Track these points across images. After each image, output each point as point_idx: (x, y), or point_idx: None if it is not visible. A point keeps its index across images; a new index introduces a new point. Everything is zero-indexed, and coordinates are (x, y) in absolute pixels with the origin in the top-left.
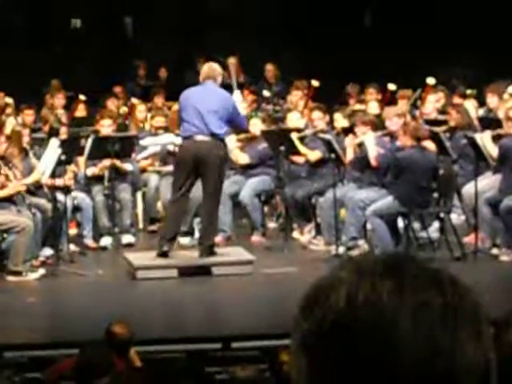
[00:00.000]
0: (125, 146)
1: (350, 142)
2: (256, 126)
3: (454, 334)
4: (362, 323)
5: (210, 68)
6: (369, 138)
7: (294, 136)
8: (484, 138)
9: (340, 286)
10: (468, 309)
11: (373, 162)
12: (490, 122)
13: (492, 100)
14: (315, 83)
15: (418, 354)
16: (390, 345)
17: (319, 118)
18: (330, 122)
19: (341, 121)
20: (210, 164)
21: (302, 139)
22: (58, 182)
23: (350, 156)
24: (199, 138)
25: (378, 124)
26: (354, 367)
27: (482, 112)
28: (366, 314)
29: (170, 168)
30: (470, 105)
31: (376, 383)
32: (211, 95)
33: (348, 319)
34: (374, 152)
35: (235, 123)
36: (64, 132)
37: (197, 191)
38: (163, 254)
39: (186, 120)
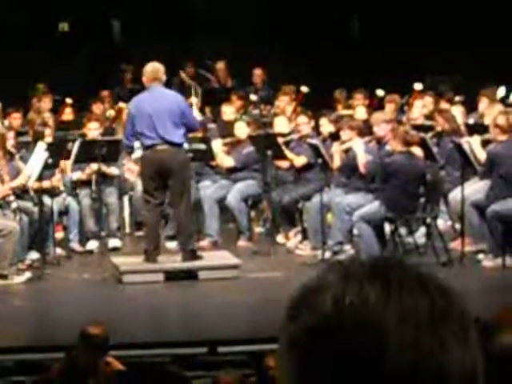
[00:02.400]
0: (111, 149)
1: (336, 148)
2: (241, 130)
3: (440, 338)
4: (348, 326)
5: (153, 68)
6: (358, 145)
7: (281, 141)
8: (472, 143)
9: (327, 289)
10: (455, 313)
11: (362, 169)
12: (477, 127)
13: (483, 103)
14: (304, 89)
15: (404, 358)
16: (377, 348)
17: (304, 123)
18: (316, 127)
19: (326, 126)
20: (175, 171)
21: (287, 144)
22: (45, 184)
23: (337, 162)
24: (159, 147)
25: (364, 129)
26: (341, 370)
27: (473, 117)
28: (353, 317)
29: None
30: (457, 111)
31: None
32: (160, 101)
33: (334, 322)
34: (363, 158)
35: (188, 125)
36: (49, 135)
37: None
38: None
39: (141, 131)
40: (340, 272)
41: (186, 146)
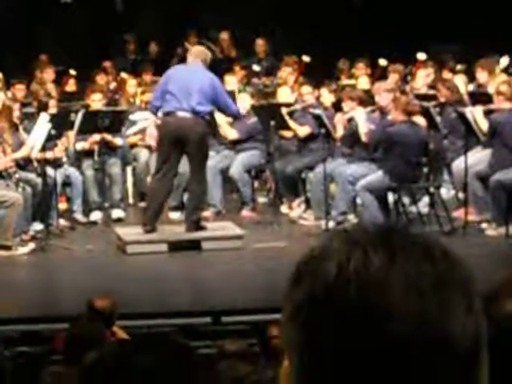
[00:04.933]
0: (115, 120)
1: (339, 118)
2: (245, 101)
3: (444, 305)
4: (352, 292)
5: (199, 50)
6: (359, 114)
7: (284, 111)
8: (475, 113)
9: (331, 256)
10: (459, 280)
11: (363, 138)
12: (480, 96)
13: (482, 75)
14: (306, 59)
15: (408, 324)
16: (381, 315)
17: (309, 93)
18: (319, 97)
19: (327, 96)
20: (191, 141)
21: (291, 114)
22: (49, 154)
23: (340, 133)
24: (180, 114)
25: (365, 99)
26: (345, 337)
27: (471, 87)
28: (357, 283)
29: None
30: (460, 80)
31: (367, 352)
32: (198, 74)
33: (339, 288)
34: (364, 128)
35: (221, 106)
36: (53, 106)
37: (186, 166)
38: (150, 231)
39: (170, 95)
40: (344, 239)
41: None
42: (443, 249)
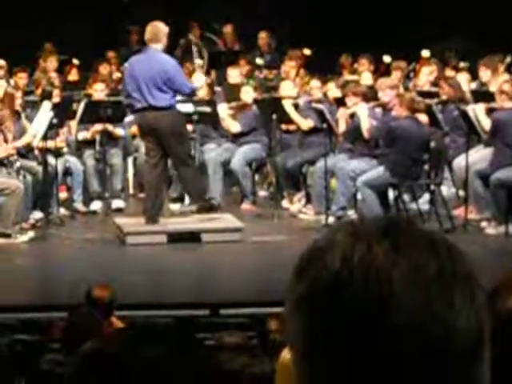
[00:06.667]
0: (117, 110)
1: (342, 113)
2: (248, 94)
3: (448, 297)
4: (356, 284)
5: (154, 29)
6: (362, 110)
7: (288, 103)
8: (477, 111)
9: (335, 247)
10: (462, 273)
11: (365, 134)
12: (482, 95)
13: (485, 73)
14: (307, 52)
15: (412, 316)
16: (385, 306)
17: (317, 88)
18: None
19: (334, 90)
20: (162, 135)
21: (295, 107)
22: (50, 144)
23: (342, 128)
24: (145, 112)
25: (368, 95)
26: (349, 328)
27: (474, 85)
28: (361, 275)
29: None
30: (463, 78)
31: (371, 344)
32: (150, 64)
33: (343, 280)
34: (366, 123)
35: (175, 89)
36: (57, 95)
37: None
38: (151, 222)
39: (130, 94)
40: (349, 231)
41: (181, 107)
42: (447, 243)
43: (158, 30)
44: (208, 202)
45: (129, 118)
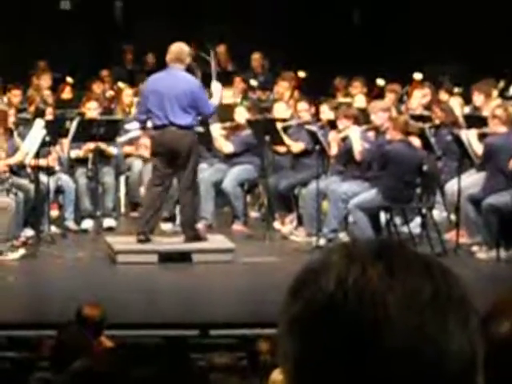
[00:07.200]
0: (110, 129)
1: (334, 136)
2: (241, 115)
3: (442, 321)
4: (350, 306)
5: (178, 49)
6: (353, 132)
7: (279, 126)
8: (469, 136)
9: (330, 269)
10: (457, 297)
11: (357, 157)
12: (475, 119)
13: (478, 98)
14: (301, 74)
15: (405, 339)
16: (379, 329)
17: (305, 110)
18: (316, 114)
19: (327, 112)
20: (181, 154)
21: (286, 130)
22: (42, 162)
23: (334, 150)
24: (166, 129)
25: (360, 118)
26: (342, 351)
27: (467, 110)
28: (356, 298)
29: None
30: (456, 102)
31: (364, 367)
32: (175, 83)
33: (337, 302)
34: (358, 146)
35: (199, 110)
36: (50, 113)
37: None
38: (144, 240)
39: (153, 109)
40: (344, 253)
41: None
42: (442, 266)
43: (182, 50)
44: (197, 233)
45: (122, 138)
